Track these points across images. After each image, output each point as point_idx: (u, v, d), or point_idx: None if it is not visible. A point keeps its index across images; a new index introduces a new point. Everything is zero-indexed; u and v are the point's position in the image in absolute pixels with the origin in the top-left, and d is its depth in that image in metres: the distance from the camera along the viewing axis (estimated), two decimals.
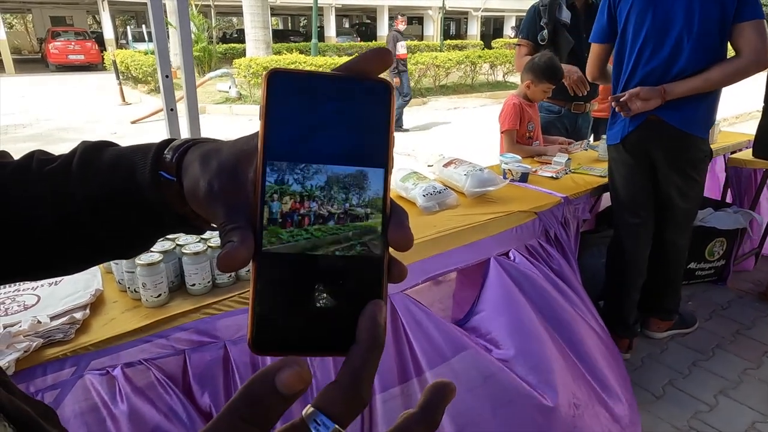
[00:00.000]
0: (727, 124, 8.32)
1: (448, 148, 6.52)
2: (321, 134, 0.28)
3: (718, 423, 2.01)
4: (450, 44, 21.94)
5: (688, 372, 2.31)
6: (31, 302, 1.18)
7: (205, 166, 0.34)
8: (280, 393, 0.23)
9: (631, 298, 2.35)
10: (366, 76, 0.29)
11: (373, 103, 0.29)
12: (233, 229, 0.28)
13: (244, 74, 10.64)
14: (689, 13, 1.93)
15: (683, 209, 2.25)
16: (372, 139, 0.28)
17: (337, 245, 0.27)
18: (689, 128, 2.05)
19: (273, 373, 0.23)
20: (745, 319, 2.72)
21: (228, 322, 1.22)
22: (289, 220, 0.27)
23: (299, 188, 0.27)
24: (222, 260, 0.27)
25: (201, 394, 1.16)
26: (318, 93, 0.28)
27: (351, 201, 0.28)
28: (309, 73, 0.28)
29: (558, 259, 1.97)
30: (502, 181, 2.04)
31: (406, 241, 0.28)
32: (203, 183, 0.33)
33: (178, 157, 0.38)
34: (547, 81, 2.62)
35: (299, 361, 0.23)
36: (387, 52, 0.29)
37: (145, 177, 0.39)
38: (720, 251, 2.92)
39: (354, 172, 0.28)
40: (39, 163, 0.43)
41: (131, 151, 0.41)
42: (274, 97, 0.27)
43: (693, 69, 1.97)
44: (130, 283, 1.22)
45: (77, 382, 1.05)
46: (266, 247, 0.27)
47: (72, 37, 19.95)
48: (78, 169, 0.41)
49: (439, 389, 0.26)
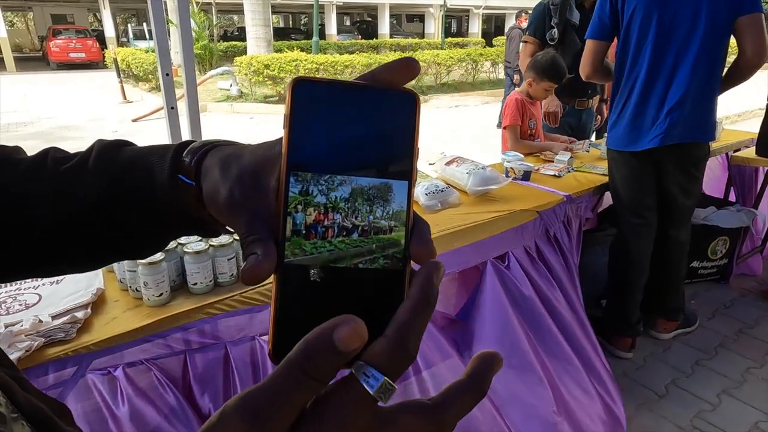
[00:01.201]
0: (730, 122, 8.31)
1: (449, 146, 6.52)
2: (345, 144, 0.27)
3: (722, 422, 2.00)
4: (451, 42, 21.89)
5: (691, 371, 2.30)
6: (32, 301, 1.18)
7: (225, 172, 0.34)
8: (337, 348, 0.23)
9: (634, 298, 2.35)
10: (392, 86, 0.29)
11: (398, 114, 0.28)
12: (255, 240, 0.28)
13: (245, 72, 10.62)
14: (696, 14, 1.91)
15: (685, 206, 2.25)
16: (397, 150, 0.28)
17: (360, 258, 0.27)
18: (705, 138, 2.06)
19: (331, 330, 0.23)
20: (748, 318, 2.71)
21: (229, 323, 1.22)
22: (312, 232, 0.27)
23: (323, 200, 0.27)
24: (246, 274, 0.27)
25: (201, 395, 1.16)
26: (343, 102, 0.27)
27: (375, 213, 0.28)
28: (334, 82, 0.28)
29: (554, 262, 1.96)
30: (504, 179, 2.03)
31: (428, 255, 0.28)
32: (224, 190, 0.33)
33: (197, 160, 0.37)
34: (548, 79, 2.61)
35: (355, 318, 0.24)
36: (414, 62, 0.29)
37: (162, 179, 0.39)
38: (723, 250, 2.91)
39: (378, 184, 0.28)
40: (54, 162, 0.43)
41: (148, 152, 0.41)
42: (298, 106, 0.27)
43: (699, 70, 1.96)
44: (132, 282, 1.22)
45: (79, 382, 1.05)
46: (289, 259, 0.27)
47: (73, 35, 19.93)
48: (95, 168, 0.41)
49: (487, 359, 0.27)
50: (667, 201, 2.23)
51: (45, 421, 0.31)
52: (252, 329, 1.25)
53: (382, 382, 0.24)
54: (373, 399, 0.24)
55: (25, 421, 0.28)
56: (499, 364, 0.27)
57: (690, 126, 2.02)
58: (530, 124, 2.73)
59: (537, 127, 2.78)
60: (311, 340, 0.23)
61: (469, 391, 0.26)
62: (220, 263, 1.27)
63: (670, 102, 2.00)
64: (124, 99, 11.27)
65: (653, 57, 2.01)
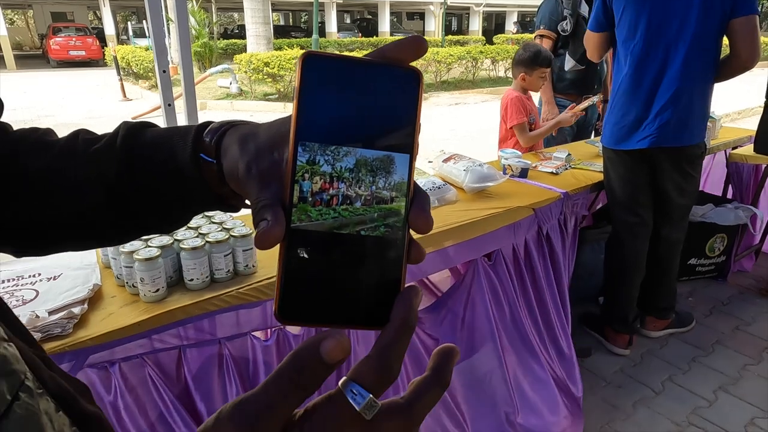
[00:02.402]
0: (729, 119, 8.29)
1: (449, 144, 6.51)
2: (352, 118, 0.29)
3: (718, 419, 2.01)
4: (451, 40, 21.86)
5: (687, 368, 2.31)
6: (29, 297, 1.19)
7: (243, 149, 0.36)
8: (323, 361, 0.25)
9: (630, 295, 2.35)
10: (398, 63, 0.30)
11: (402, 91, 0.29)
12: (265, 206, 0.29)
13: (244, 70, 10.61)
14: (687, 12, 1.91)
15: (681, 205, 2.24)
16: (400, 125, 0.29)
17: (362, 225, 0.29)
18: (694, 140, 2.06)
19: (318, 343, 0.25)
20: (746, 315, 2.71)
21: (225, 319, 1.22)
22: (318, 199, 0.28)
23: (329, 169, 0.28)
24: (259, 238, 0.28)
25: (196, 390, 1.17)
26: (351, 77, 0.29)
27: (377, 184, 0.29)
28: (343, 58, 0.29)
29: (540, 261, 1.97)
30: (501, 176, 2.03)
31: (426, 225, 0.30)
32: (242, 164, 0.35)
33: (217, 139, 0.40)
34: (539, 66, 2.64)
35: (340, 333, 0.26)
36: (421, 40, 0.30)
37: (185, 158, 0.41)
38: (720, 247, 2.92)
39: (382, 156, 0.29)
40: (84, 143, 0.46)
41: (170, 133, 0.44)
42: (307, 79, 0.28)
43: (690, 69, 1.96)
44: (129, 278, 1.22)
45: (76, 377, 1.06)
46: (295, 224, 0.28)
47: (73, 32, 19.91)
48: (122, 149, 0.44)
49: (446, 353, 0.29)
50: (662, 199, 2.23)
51: (68, 399, 0.32)
52: (247, 325, 1.26)
53: (367, 400, 0.25)
54: (358, 417, 0.25)
55: (50, 396, 0.29)
56: (456, 356, 0.29)
57: (681, 127, 2.02)
58: (530, 119, 2.74)
59: (536, 120, 2.80)
60: (300, 352, 0.26)
61: (434, 385, 0.28)
62: (216, 259, 1.28)
63: (659, 101, 2.00)
64: (124, 97, 11.27)
65: (642, 54, 2.01)
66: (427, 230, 0.30)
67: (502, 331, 1.81)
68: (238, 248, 1.31)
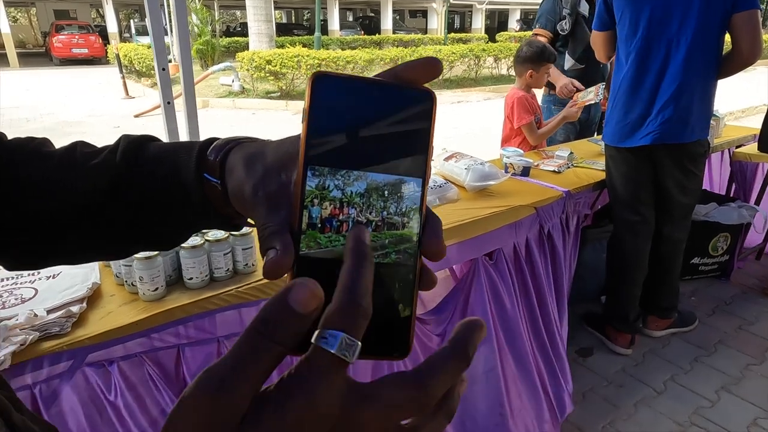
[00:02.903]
0: (733, 118, 8.25)
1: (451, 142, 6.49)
2: (363, 141, 0.28)
3: (720, 419, 2.00)
4: (454, 38, 21.81)
5: (689, 367, 2.30)
6: (28, 295, 1.18)
7: (249, 169, 0.35)
8: (295, 311, 0.22)
9: (632, 294, 2.34)
10: (411, 84, 0.29)
11: (415, 113, 0.29)
12: (274, 233, 0.28)
13: (247, 68, 10.60)
14: (688, 8, 1.89)
15: (682, 204, 2.23)
16: (412, 148, 0.28)
17: (374, 252, 0.28)
18: (697, 136, 2.04)
19: (285, 293, 0.23)
20: (748, 314, 2.70)
21: (224, 318, 1.22)
22: (327, 226, 0.27)
23: (339, 194, 0.27)
24: (268, 268, 0.27)
25: None
26: (362, 99, 0.28)
27: (389, 209, 0.28)
28: (354, 78, 0.28)
29: (540, 260, 1.96)
30: (503, 175, 2.02)
31: (439, 252, 0.29)
32: (248, 186, 0.34)
33: (221, 158, 0.38)
34: (546, 61, 2.65)
35: (308, 280, 0.23)
36: (436, 62, 0.29)
37: (189, 178, 0.40)
38: (724, 246, 2.90)
39: (393, 181, 0.28)
40: (83, 157, 0.44)
41: (173, 150, 0.42)
42: (318, 100, 0.27)
43: (691, 66, 1.94)
44: (128, 276, 1.22)
45: (74, 376, 1.06)
46: (304, 251, 0.27)
47: (76, 30, 19.94)
48: (123, 164, 0.43)
49: (470, 326, 0.26)
50: (664, 198, 2.22)
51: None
52: (246, 324, 1.25)
53: (340, 339, 0.23)
54: (339, 362, 0.22)
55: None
56: (482, 331, 0.26)
57: (682, 124, 2.00)
58: (536, 117, 2.73)
59: (541, 119, 2.79)
60: (267, 306, 0.23)
61: (452, 358, 0.25)
62: (215, 258, 1.27)
63: (661, 98, 1.99)
64: (127, 94, 11.28)
65: (643, 51, 2.00)
66: (440, 257, 0.29)
67: (501, 330, 1.80)
68: (238, 247, 1.30)
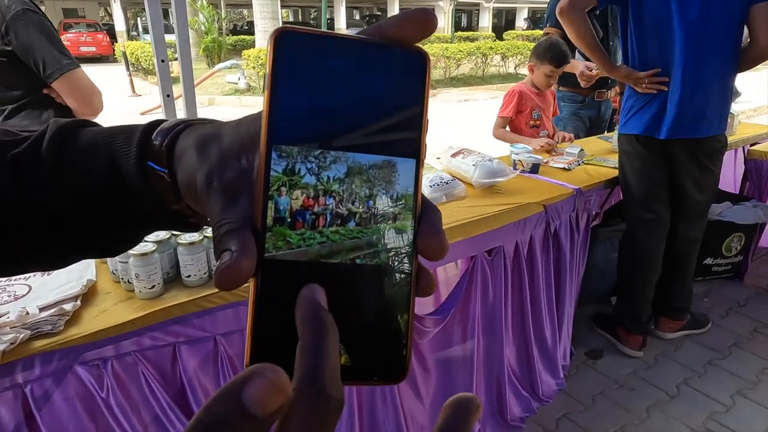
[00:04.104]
0: (745, 117, 8.14)
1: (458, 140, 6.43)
2: (341, 113, 0.22)
3: (735, 424, 1.93)
4: (461, 36, 21.72)
5: (703, 371, 2.23)
6: (21, 292, 1.15)
7: (203, 155, 0.28)
8: (249, 413, 0.16)
9: (644, 296, 2.28)
10: (400, 42, 0.23)
11: (405, 78, 0.23)
12: (230, 231, 0.23)
13: (253, 65, 10.61)
14: (706, 2, 1.83)
15: (698, 201, 2.16)
16: (402, 122, 0.23)
17: (358, 252, 0.23)
18: (716, 130, 1.99)
19: (240, 386, 0.17)
20: (763, 316, 2.63)
21: (221, 316, 1.18)
22: (299, 220, 0.22)
23: (313, 180, 0.22)
24: (220, 277, 0.21)
25: (191, 388, 1.12)
26: (339, 61, 0.22)
27: (376, 198, 0.23)
28: (328, 35, 0.22)
29: (544, 259, 1.92)
30: (511, 172, 1.97)
31: (439, 248, 0.24)
32: (200, 175, 0.27)
33: (169, 142, 0.32)
34: (548, 62, 2.55)
35: (270, 368, 0.17)
36: (429, 14, 0.23)
37: (129, 167, 0.33)
38: (738, 246, 2.83)
39: (380, 162, 0.23)
40: (2, 146, 0.36)
41: (111, 134, 0.35)
42: (283, 64, 0.22)
43: (709, 59, 1.88)
44: (124, 273, 1.18)
45: (67, 375, 1.02)
46: (271, 253, 0.22)
47: (84, 29, 20.04)
48: (49, 156, 0.35)
49: (461, 407, 0.21)
50: (679, 195, 2.16)
51: None
52: (245, 322, 1.21)
53: None
54: None
55: None
56: (477, 412, 0.21)
57: (699, 118, 1.95)
58: (534, 114, 2.66)
59: (543, 118, 2.71)
60: (213, 400, 0.17)
61: None
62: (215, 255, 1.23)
63: (679, 92, 1.93)
64: (133, 92, 11.31)
65: (661, 44, 1.94)
66: (440, 255, 0.23)
67: (480, 330, 1.77)
68: None
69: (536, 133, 2.67)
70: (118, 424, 1.04)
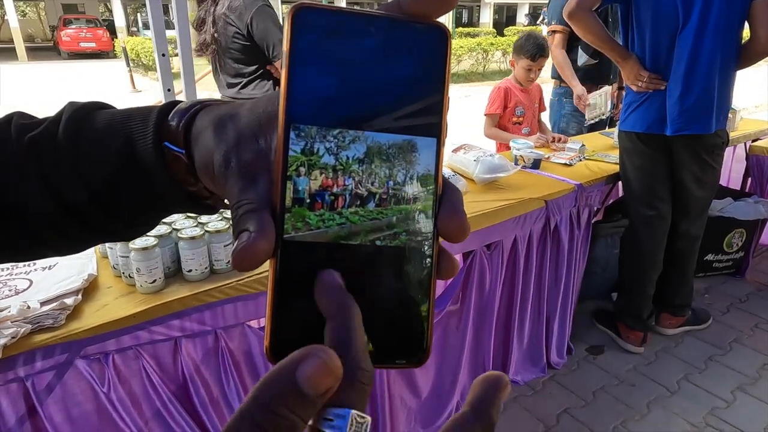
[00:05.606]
0: (746, 113, 8.11)
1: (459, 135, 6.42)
2: (360, 91, 0.22)
3: (736, 420, 1.93)
4: (462, 32, 21.66)
5: (704, 367, 2.23)
6: (23, 286, 1.15)
7: (220, 135, 0.28)
8: (302, 392, 0.17)
9: (645, 291, 2.28)
10: (420, 18, 0.23)
11: (426, 55, 0.23)
12: (248, 211, 0.23)
13: None
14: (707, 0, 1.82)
15: (699, 198, 2.16)
16: (423, 100, 0.23)
17: (378, 233, 0.22)
18: (715, 128, 1.98)
19: (294, 366, 0.18)
20: (764, 312, 2.63)
21: (222, 310, 1.18)
22: (318, 201, 0.22)
23: (332, 160, 0.22)
24: (237, 257, 0.21)
25: (192, 383, 1.12)
26: (358, 38, 0.22)
27: (396, 178, 0.23)
28: (347, 12, 0.22)
29: (538, 254, 1.92)
30: (513, 167, 1.97)
31: (461, 229, 0.23)
32: (218, 156, 0.27)
33: (186, 123, 0.31)
34: (524, 57, 2.57)
35: (325, 350, 0.18)
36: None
37: (146, 149, 0.33)
38: (739, 242, 2.82)
39: (400, 142, 0.22)
40: (19, 130, 0.36)
41: (127, 116, 0.35)
42: (301, 41, 0.21)
43: (710, 55, 1.87)
44: (125, 268, 1.18)
45: (68, 369, 1.02)
46: (290, 234, 0.22)
47: (84, 24, 19.98)
48: (65, 138, 0.34)
49: (491, 383, 0.21)
50: (680, 192, 2.15)
51: None
52: (246, 316, 1.21)
53: (350, 419, 0.18)
54: None
55: None
56: (506, 389, 0.21)
57: (700, 114, 1.94)
58: (517, 111, 2.66)
59: (527, 115, 2.70)
60: (269, 380, 0.18)
61: (473, 424, 0.20)
62: (216, 250, 1.23)
63: (679, 88, 1.92)
64: (134, 88, 11.28)
65: (662, 40, 1.93)
66: (462, 236, 0.23)
67: (471, 322, 1.77)
68: None
69: (519, 130, 2.68)
70: (120, 417, 1.05)
